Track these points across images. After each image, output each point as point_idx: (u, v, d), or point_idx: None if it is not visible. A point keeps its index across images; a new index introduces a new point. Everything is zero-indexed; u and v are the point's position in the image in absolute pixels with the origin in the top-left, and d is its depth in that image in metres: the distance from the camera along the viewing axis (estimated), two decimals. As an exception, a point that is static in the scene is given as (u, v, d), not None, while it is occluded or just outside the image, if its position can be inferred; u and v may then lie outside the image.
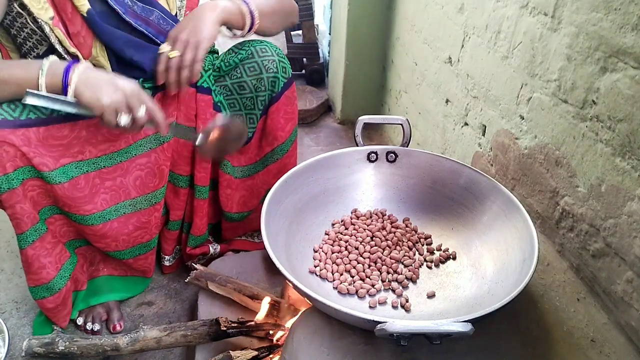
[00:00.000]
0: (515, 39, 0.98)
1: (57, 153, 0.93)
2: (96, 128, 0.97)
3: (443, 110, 1.37)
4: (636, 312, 0.70)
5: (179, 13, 1.07)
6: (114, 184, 1.03)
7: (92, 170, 0.99)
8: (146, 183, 1.07)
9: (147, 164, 1.06)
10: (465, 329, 0.63)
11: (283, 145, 1.17)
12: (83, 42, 0.95)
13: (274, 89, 1.10)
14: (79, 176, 0.96)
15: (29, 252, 0.97)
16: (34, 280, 1.00)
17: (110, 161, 1.01)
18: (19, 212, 0.92)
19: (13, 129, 0.86)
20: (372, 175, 1.09)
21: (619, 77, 0.71)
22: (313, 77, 2.37)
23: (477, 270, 0.92)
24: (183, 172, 1.13)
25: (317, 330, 0.79)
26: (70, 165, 0.95)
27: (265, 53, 1.08)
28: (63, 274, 1.03)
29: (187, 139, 1.08)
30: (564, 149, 0.85)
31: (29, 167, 0.90)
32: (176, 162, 1.12)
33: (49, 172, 0.91)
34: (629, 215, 0.71)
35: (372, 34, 1.86)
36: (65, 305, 1.06)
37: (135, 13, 0.98)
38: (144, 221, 1.09)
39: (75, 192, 0.96)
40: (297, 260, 0.93)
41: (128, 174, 1.04)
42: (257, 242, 1.33)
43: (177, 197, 1.16)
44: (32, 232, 0.95)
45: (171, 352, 1.08)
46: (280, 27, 1.13)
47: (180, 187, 1.15)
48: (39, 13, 0.89)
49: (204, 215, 1.19)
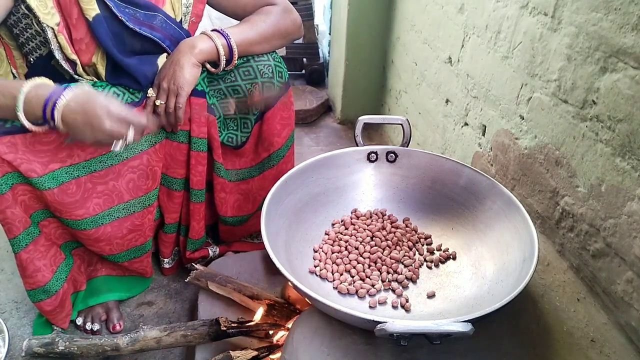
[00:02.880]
0: (515, 39, 0.98)
1: (46, 158, 0.92)
2: None
3: (443, 110, 1.38)
4: (636, 312, 0.70)
5: (184, 19, 1.07)
6: (106, 188, 1.02)
7: (83, 175, 0.98)
8: (139, 185, 1.06)
9: (140, 166, 1.05)
10: (465, 329, 0.63)
11: (279, 151, 1.16)
12: (84, 49, 0.95)
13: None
14: (69, 181, 0.95)
15: (22, 256, 0.96)
16: (30, 283, 1.00)
17: (101, 165, 1.00)
18: (9, 217, 0.91)
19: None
20: (372, 175, 1.09)
21: (619, 77, 0.71)
22: (313, 77, 2.37)
23: (477, 270, 0.92)
24: (177, 175, 1.12)
25: (317, 330, 0.79)
26: (59, 170, 0.93)
27: (261, 57, 1.07)
28: (59, 276, 1.03)
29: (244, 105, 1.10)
30: (564, 149, 0.85)
31: (18, 173, 0.89)
32: (169, 165, 1.11)
33: (37, 178, 0.90)
34: (629, 215, 0.71)
35: (372, 34, 1.86)
36: (63, 307, 1.06)
37: (139, 20, 0.98)
38: (137, 224, 1.08)
39: (66, 197, 0.95)
40: (297, 260, 0.93)
41: (120, 177, 1.03)
42: (256, 243, 1.33)
43: (171, 200, 1.15)
44: (25, 235, 0.95)
45: (171, 352, 1.08)
46: (276, 48, 1.12)
47: (175, 190, 1.14)
48: (45, 18, 0.89)
49: (201, 219, 1.18)
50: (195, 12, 1.08)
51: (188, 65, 0.98)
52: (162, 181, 1.12)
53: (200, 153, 1.09)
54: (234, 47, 1.02)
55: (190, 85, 0.99)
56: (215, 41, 1.00)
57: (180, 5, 1.05)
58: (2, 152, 0.86)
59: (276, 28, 1.08)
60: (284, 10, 1.10)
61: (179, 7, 1.05)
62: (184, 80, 0.98)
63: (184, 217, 1.20)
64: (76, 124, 0.82)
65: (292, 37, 1.13)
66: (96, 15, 0.92)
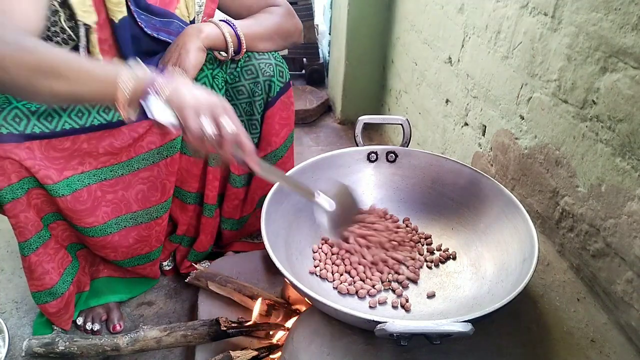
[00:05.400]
0: (515, 39, 0.98)
1: (60, 165, 0.92)
2: (97, 141, 0.96)
3: (443, 110, 1.37)
4: (636, 312, 0.70)
5: (197, 18, 1.07)
6: (115, 197, 1.02)
7: (93, 183, 0.98)
8: (148, 197, 1.07)
9: (150, 177, 1.06)
10: (465, 329, 0.63)
11: (277, 151, 1.16)
12: (107, 50, 0.95)
13: (270, 93, 1.09)
14: (81, 189, 0.96)
15: (32, 259, 0.96)
16: (37, 285, 1.00)
17: (111, 173, 1.00)
18: (22, 220, 0.92)
19: (18, 143, 0.86)
20: (372, 175, 1.09)
21: (619, 77, 0.71)
22: (313, 77, 2.37)
23: (477, 270, 0.91)
24: (191, 189, 1.14)
25: (317, 330, 0.79)
26: (72, 177, 0.94)
27: (263, 56, 1.08)
28: (65, 278, 1.03)
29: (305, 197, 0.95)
30: (564, 149, 0.85)
31: (34, 178, 0.89)
32: (185, 179, 1.12)
33: (53, 185, 0.91)
34: (629, 215, 0.71)
35: (372, 34, 1.86)
36: (67, 308, 1.06)
37: (155, 26, 0.99)
38: (144, 235, 1.09)
39: (78, 204, 0.96)
40: (297, 260, 0.93)
41: (130, 187, 1.04)
42: (257, 242, 1.33)
43: (184, 213, 1.17)
44: (36, 239, 0.95)
45: (171, 352, 1.08)
46: (278, 48, 1.11)
47: (188, 204, 1.16)
48: (83, 16, 0.88)
49: (208, 233, 1.20)
50: (208, 12, 1.08)
51: (194, 49, 0.97)
52: (176, 194, 1.14)
53: (216, 168, 1.11)
54: (241, 35, 1.02)
55: (195, 69, 0.98)
56: (222, 28, 1.00)
57: (194, 4, 1.05)
58: (22, 158, 0.86)
59: (280, 28, 1.09)
60: (288, 12, 1.11)
61: (192, 6, 1.05)
62: (189, 64, 0.96)
63: (191, 230, 1.22)
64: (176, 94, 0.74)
65: (293, 40, 1.14)
66: (122, 18, 0.92)
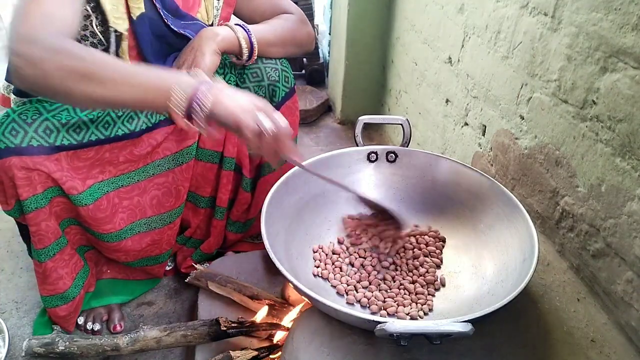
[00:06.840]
0: (515, 39, 0.98)
1: (83, 174, 0.93)
2: (119, 150, 0.97)
3: (443, 110, 1.37)
4: (636, 312, 0.70)
5: (215, 21, 1.08)
6: (131, 203, 1.03)
7: (111, 190, 0.99)
8: (162, 203, 1.08)
9: (165, 183, 1.07)
10: (465, 329, 0.63)
11: None
12: (135, 56, 0.95)
13: (274, 97, 1.09)
14: (101, 197, 0.97)
15: (48, 265, 0.97)
16: (49, 290, 1.00)
17: (128, 180, 1.01)
18: (43, 229, 0.92)
19: (48, 155, 0.87)
20: (372, 175, 1.08)
21: (619, 77, 0.71)
22: (313, 77, 2.37)
23: (477, 270, 0.91)
24: (205, 194, 1.15)
25: (317, 330, 0.79)
26: (94, 186, 0.95)
27: (269, 60, 1.08)
28: (77, 282, 1.04)
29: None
30: (564, 149, 0.85)
31: (58, 187, 0.90)
32: (200, 184, 1.13)
33: (77, 195, 0.92)
34: (629, 215, 0.71)
35: (372, 34, 1.86)
36: (76, 312, 1.07)
37: (181, 24, 0.99)
38: (156, 239, 1.10)
39: (99, 213, 0.97)
40: (297, 260, 0.93)
41: (145, 193, 1.05)
42: (257, 243, 1.33)
43: (197, 216, 1.19)
44: (54, 246, 0.96)
45: (171, 352, 1.08)
46: (289, 55, 1.12)
47: (201, 208, 1.17)
48: (115, 22, 0.89)
49: (217, 235, 1.21)
50: (224, 16, 1.09)
51: (209, 52, 0.97)
52: (189, 198, 1.15)
53: (230, 172, 1.12)
54: (254, 41, 1.02)
55: (210, 72, 0.98)
56: (237, 33, 1.01)
57: (212, 8, 1.06)
58: (51, 170, 0.87)
59: (292, 35, 1.10)
60: (301, 20, 1.12)
61: (212, 10, 1.06)
62: (205, 67, 0.96)
63: (199, 232, 1.23)
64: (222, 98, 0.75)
65: (305, 48, 1.14)
66: (140, 14, 0.92)
